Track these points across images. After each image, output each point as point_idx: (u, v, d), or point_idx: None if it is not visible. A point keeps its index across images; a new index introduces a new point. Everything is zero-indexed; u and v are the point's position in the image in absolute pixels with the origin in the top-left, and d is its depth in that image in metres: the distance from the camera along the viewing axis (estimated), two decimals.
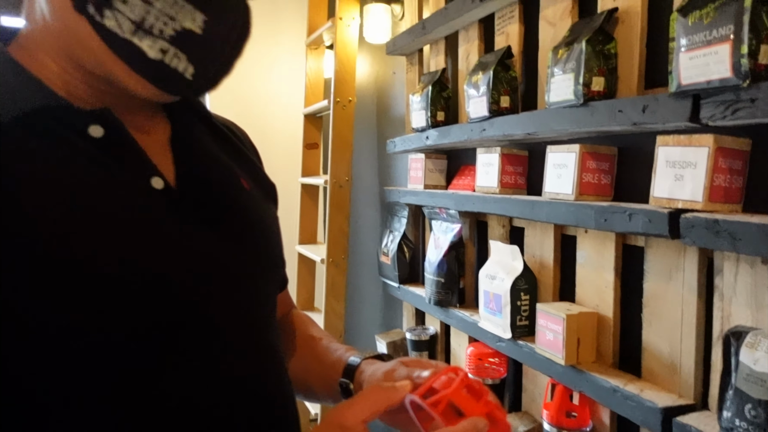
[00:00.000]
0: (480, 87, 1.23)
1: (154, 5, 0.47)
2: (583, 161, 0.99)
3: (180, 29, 0.48)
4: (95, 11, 0.46)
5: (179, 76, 0.49)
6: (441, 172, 1.58)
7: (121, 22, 0.46)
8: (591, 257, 1.04)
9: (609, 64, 0.96)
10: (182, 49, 0.49)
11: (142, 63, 0.48)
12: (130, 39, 0.47)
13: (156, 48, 0.48)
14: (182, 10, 0.48)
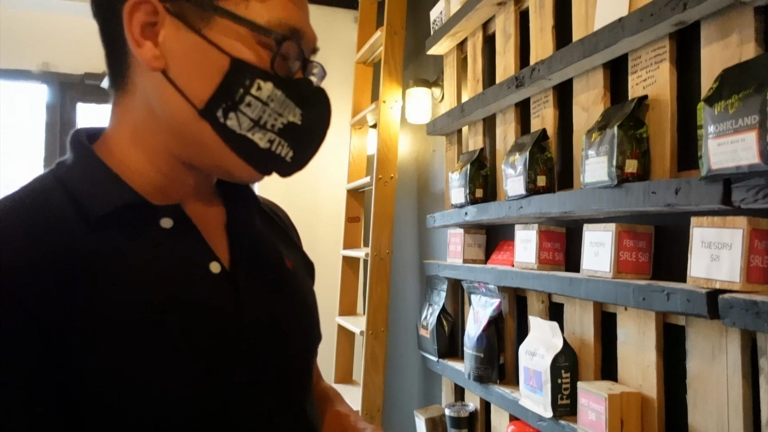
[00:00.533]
0: (517, 167, 1.28)
1: (269, 105, 0.55)
2: (620, 240, 1.02)
3: (286, 122, 0.57)
4: (222, 114, 0.54)
5: (281, 160, 0.58)
6: (480, 247, 1.62)
7: (241, 122, 0.55)
8: (632, 335, 1.03)
9: (641, 148, 1.00)
10: (286, 138, 0.57)
11: (253, 152, 0.56)
12: (245, 134, 0.55)
13: (266, 139, 0.56)
14: (288, 107, 0.57)
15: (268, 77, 0.55)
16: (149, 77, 0.56)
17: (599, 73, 1.15)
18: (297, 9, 0.57)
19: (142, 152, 0.58)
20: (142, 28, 0.54)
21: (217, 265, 0.58)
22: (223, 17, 0.54)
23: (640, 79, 1.05)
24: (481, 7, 1.52)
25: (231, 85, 0.54)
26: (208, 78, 0.54)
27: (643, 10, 0.96)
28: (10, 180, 2.66)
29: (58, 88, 2.77)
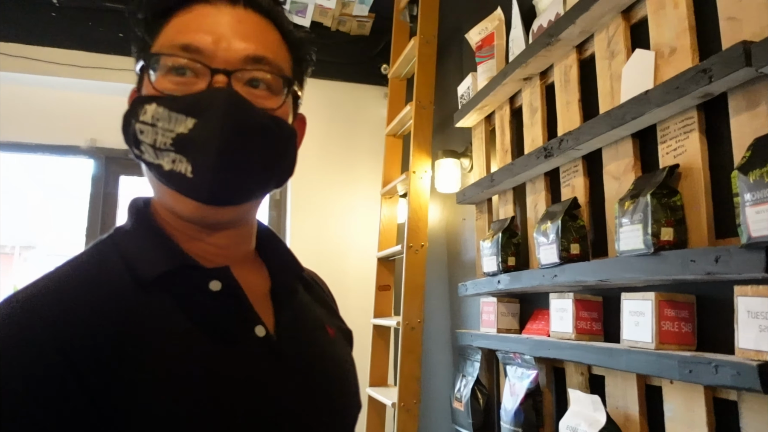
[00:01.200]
0: (549, 235, 1.28)
1: (157, 125, 0.55)
2: (660, 309, 1.00)
3: (175, 136, 0.55)
4: (137, 150, 0.57)
5: (183, 178, 0.54)
6: (514, 316, 1.59)
7: (146, 151, 0.56)
8: (680, 411, 0.99)
9: (676, 216, 1.00)
10: (181, 152, 0.54)
11: (165, 177, 0.56)
12: (155, 161, 0.55)
13: (169, 160, 0.55)
14: (176, 120, 0.55)
15: (151, 100, 0.56)
16: None
17: (628, 143, 1.17)
18: (198, 32, 0.57)
19: (168, 214, 0.61)
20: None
21: (262, 329, 0.59)
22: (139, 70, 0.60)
23: (669, 149, 1.06)
24: (508, 82, 1.58)
25: (127, 122, 0.58)
26: None
27: (668, 84, 0.99)
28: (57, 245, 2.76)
29: (103, 162, 2.92)
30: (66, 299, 0.50)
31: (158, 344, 0.52)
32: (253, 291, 0.63)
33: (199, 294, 0.57)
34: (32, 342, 0.47)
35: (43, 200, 12.30)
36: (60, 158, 2.94)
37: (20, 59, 2.70)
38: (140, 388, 0.49)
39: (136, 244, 0.58)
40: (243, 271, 0.64)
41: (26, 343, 0.47)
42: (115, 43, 2.83)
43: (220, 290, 0.58)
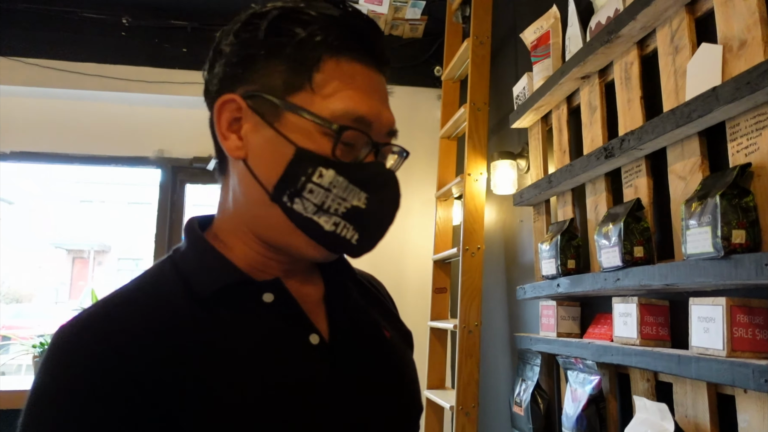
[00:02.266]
0: (611, 237, 1.25)
1: (331, 191, 0.59)
2: (732, 315, 0.95)
3: (350, 207, 0.59)
4: (288, 200, 0.59)
5: (347, 242, 0.61)
6: (574, 320, 1.56)
7: (306, 206, 0.59)
8: (755, 422, 0.94)
9: (749, 217, 0.95)
10: (350, 221, 0.60)
11: (319, 234, 0.60)
12: (311, 217, 0.59)
13: (330, 222, 0.59)
14: (351, 192, 0.59)
15: (329, 164, 0.58)
16: (236, 165, 0.62)
17: (695, 142, 1.13)
18: (366, 98, 0.60)
19: (238, 234, 0.64)
20: (228, 123, 0.61)
21: (316, 336, 0.61)
22: (292, 112, 0.59)
23: (740, 147, 1.01)
24: (565, 81, 1.55)
25: (294, 173, 0.58)
26: (276, 166, 0.59)
27: (738, 80, 0.95)
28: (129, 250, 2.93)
29: (170, 171, 3.07)
30: (131, 323, 0.53)
31: (216, 357, 0.54)
32: (307, 299, 0.66)
33: (254, 306, 0.60)
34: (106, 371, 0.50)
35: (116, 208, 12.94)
36: (131, 169, 3.12)
37: (96, 78, 2.88)
38: (203, 402, 0.52)
39: (192, 264, 0.61)
40: (297, 280, 0.67)
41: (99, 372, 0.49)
42: (180, 58, 2.98)
43: (273, 301, 0.61)
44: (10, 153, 2.97)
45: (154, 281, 0.60)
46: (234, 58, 0.61)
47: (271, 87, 0.59)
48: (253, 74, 0.60)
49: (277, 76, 0.59)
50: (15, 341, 3.03)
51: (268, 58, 0.59)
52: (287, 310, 0.61)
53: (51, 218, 20.91)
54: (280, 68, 0.59)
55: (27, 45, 2.86)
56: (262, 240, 0.63)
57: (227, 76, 0.61)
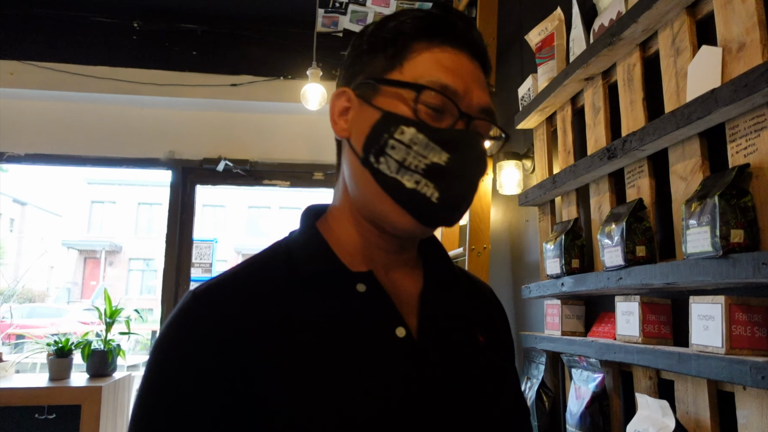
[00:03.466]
0: (614, 237, 1.27)
1: (412, 148, 0.62)
2: (731, 313, 0.97)
3: (429, 163, 0.62)
4: (374, 159, 0.63)
5: (427, 200, 0.62)
6: (579, 319, 1.58)
7: (389, 164, 0.62)
8: (754, 418, 0.96)
9: (747, 217, 0.97)
10: (430, 178, 0.62)
11: (401, 193, 0.62)
12: (395, 176, 0.62)
13: (412, 180, 0.62)
14: (432, 150, 0.62)
15: (410, 123, 0.62)
16: (345, 150, 0.69)
17: (695, 143, 1.15)
18: (452, 73, 0.64)
19: (348, 220, 0.69)
20: (339, 112, 0.69)
21: (402, 330, 0.63)
22: (384, 85, 0.65)
23: (739, 147, 1.03)
24: (569, 83, 1.57)
25: (379, 132, 0.63)
26: (365, 131, 0.64)
27: (737, 82, 0.96)
28: (140, 251, 2.96)
29: (180, 173, 3.12)
30: (238, 295, 0.61)
31: (306, 337, 0.59)
32: (403, 292, 0.68)
33: (347, 294, 0.64)
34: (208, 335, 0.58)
35: (127, 208, 12.98)
36: (142, 170, 3.17)
37: (108, 81, 2.93)
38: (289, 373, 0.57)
39: (298, 247, 0.67)
40: (398, 273, 0.70)
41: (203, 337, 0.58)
42: (190, 61, 3.02)
43: (365, 291, 0.64)
44: (24, 155, 3.04)
45: (267, 259, 0.67)
46: (348, 60, 0.70)
47: (372, 73, 0.66)
48: (359, 68, 0.68)
49: (377, 63, 0.66)
50: (29, 339, 3.08)
51: (370, 52, 0.67)
52: (378, 301, 0.64)
53: (63, 219, 21.14)
54: (379, 57, 0.66)
55: (40, 49, 2.92)
56: (364, 217, 0.67)
57: (343, 76, 0.70)
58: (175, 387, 0.56)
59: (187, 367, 0.57)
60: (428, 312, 0.67)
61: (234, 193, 19.85)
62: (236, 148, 3.15)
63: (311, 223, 0.70)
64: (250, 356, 0.57)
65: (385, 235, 0.67)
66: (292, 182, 3.23)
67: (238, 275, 0.64)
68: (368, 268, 0.66)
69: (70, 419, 2.47)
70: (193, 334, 0.58)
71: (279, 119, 3.24)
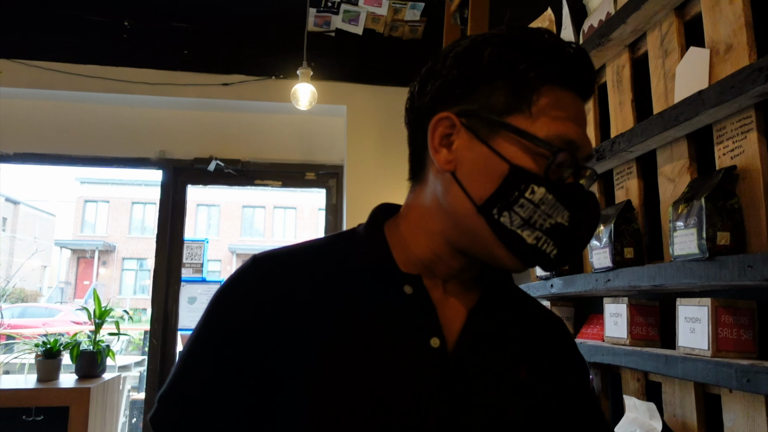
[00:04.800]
0: (602, 239, 1.27)
1: (540, 207, 0.60)
2: (717, 315, 0.97)
3: (554, 223, 0.61)
4: (497, 212, 0.61)
5: (546, 256, 0.62)
6: (568, 320, 1.57)
7: (513, 219, 0.61)
8: (740, 421, 0.96)
9: (734, 219, 0.97)
10: (552, 237, 0.61)
11: (520, 246, 0.61)
12: (516, 230, 0.61)
13: (533, 236, 0.61)
14: (557, 209, 0.61)
15: (541, 183, 0.60)
16: (440, 175, 0.66)
17: (683, 144, 1.14)
18: (575, 125, 0.62)
19: (422, 231, 0.68)
20: (441, 138, 0.65)
21: (437, 340, 0.62)
22: (507, 131, 0.61)
23: (726, 149, 1.03)
24: None
25: (508, 189, 0.60)
26: (489, 181, 0.61)
27: (723, 83, 0.96)
28: (133, 251, 2.95)
29: (171, 172, 3.10)
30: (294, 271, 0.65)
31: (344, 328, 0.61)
32: (453, 307, 0.66)
33: (393, 293, 0.64)
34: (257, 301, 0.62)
35: (121, 208, 12.91)
36: (133, 170, 3.15)
37: (98, 80, 2.91)
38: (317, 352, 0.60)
39: (359, 239, 0.69)
40: (454, 288, 0.68)
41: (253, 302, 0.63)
42: (181, 60, 3.01)
43: (411, 294, 0.64)
44: (14, 154, 3.01)
45: (326, 245, 0.70)
46: (453, 79, 0.64)
47: (489, 107, 0.62)
48: (471, 95, 0.63)
49: (496, 98, 0.62)
50: (19, 340, 3.06)
51: (489, 81, 0.63)
52: (420, 306, 0.64)
53: (56, 218, 21.01)
54: (501, 91, 0.62)
55: (30, 47, 2.90)
56: (453, 245, 0.66)
57: (443, 95, 0.65)
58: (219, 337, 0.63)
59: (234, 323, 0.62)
60: (471, 330, 0.65)
61: (228, 192, 19.78)
62: (228, 148, 3.13)
63: (378, 221, 0.71)
64: (289, 333, 0.61)
65: (460, 255, 0.66)
66: (284, 182, 3.22)
67: (298, 252, 0.67)
68: (431, 277, 0.67)
69: (58, 421, 2.45)
70: (245, 296, 0.63)
71: (270, 119, 3.22)
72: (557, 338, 0.75)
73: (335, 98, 3.10)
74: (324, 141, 3.26)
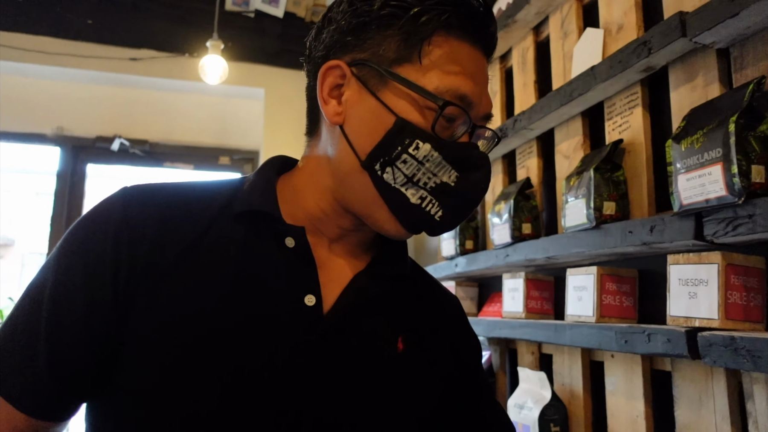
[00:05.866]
0: (503, 215, 1.28)
1: (424, 164, 0.57)
2: (602, 283, 1.00)
3: (439, 182, 0.58)
4: (380, 168, 0.58)
5: (430, 218, 0.59)
6: (472, 300, 1.59)
7: (396, 177, 0.57)
8: (620, 384, 0.99)
9: (619, 190, 1.00)
10: (437, 197, 0.58)
11: (403, 206, 0.58)
12: (399, 188, 0.58)
13: (417, 196, 0.58)
14: (443, 168, 0.58)
15: (427, 138, 0.57)
16: (331, 129, 0.62)
17: (578, 122, 1.18)
18: (470, 79, 0.58)
19: (312, 186, 0.63)
20: (330, 89, 0.61)
21: (312, 299, 0.58)
22: (396, 82, 0.58)
23: (615, 125, 1.07)
24: None
25: (391, 142, 0.57)
26: (373, 134, 0.58)
27: (613, 58, 0.99)
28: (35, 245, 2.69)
29: (70, 151, 2.88)
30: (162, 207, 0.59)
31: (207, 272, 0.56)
32: (338, 269, 0.62)
33: (272, 244, 0.59)
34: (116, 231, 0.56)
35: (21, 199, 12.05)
36: (25, 146, 2.89)
37: None
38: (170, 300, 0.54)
39: (248, 187, 0.63)
40: (342, 250, 0.64)
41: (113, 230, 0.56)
42: (85, 30, 2.79)
43: (293, 248, 0.59)
44: None
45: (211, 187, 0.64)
46: (346, 26, 0.60)
47: (379, 57, 0.59)
48: (362, 43, 0.60)
49: (387, 46, 0.58)
50: None
51: (380, 28, 0.59)
52: (300, 261, 0.59)
53: None
54: (391, 39, 0.58)
55: None
56: (340, 203, 0.62)
57: (336, 43, 0.61)
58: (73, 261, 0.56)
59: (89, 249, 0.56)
60: (352, 294, 0.61)
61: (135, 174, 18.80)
62: (134, 127, 2.94)
63: (270, 170, 0.65)
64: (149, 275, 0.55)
65: (349, 214, 0.62)
66: (196, 165, 3.07)
67: (176, 190, 0.62)
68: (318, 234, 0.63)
69: None
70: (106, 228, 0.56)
71: (183, 99, 3.07)
72: (448, 317, 0.71)
73: (253, 81, 2.99)
74: (240, 125, 3.15)
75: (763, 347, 0.66)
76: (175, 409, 0.52)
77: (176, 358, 0.52)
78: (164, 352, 0.53)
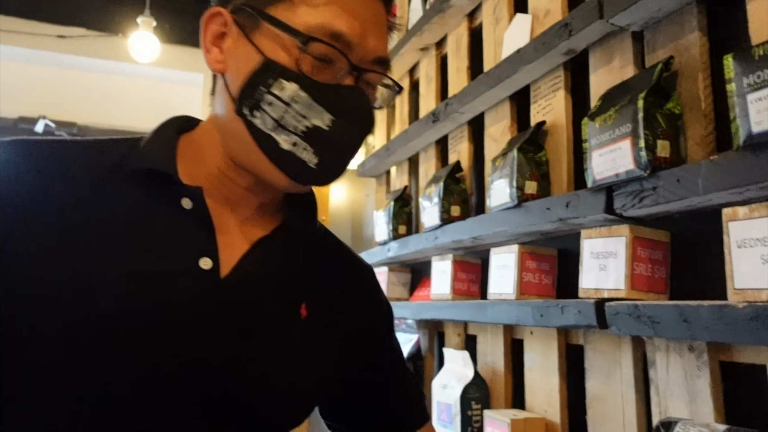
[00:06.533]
0: (433, 198, 1.29)
1: (291, 106, 0.54)
2: (522, 261, 1.01)
3: (310, 126, 0.55)
4: (248, 112, 0.55)
5: (304, 165, 0.56)
6: (404, 285, 1.59)
7: (265, 120, 0.55)
8: (538, 360, 1.01)
9: (541, 171, 1.02)
10: (309, 142, 0.55)
11: (276, 153, 0.55)
12: (270, 133, 0.55)
13: (289, 141, 0.55)
14: (314, 111, 0.55)
15: (292, 78, 0.54)
16: (220, 81, 0.60)
17: (506, 106, 1.20)
18: (349, 17, 0.56)
19: (211, 144, 0.60)
20: (213, 37, 0.59)
21: (209, 262, 0.54)
22: (267, 23, 0.55)
23: (540, 108, 1.09)
24: (405, 52, 1.59)
25: (254, 82, 0.55)
26: (242, 76, 0.56)
27: (537, 40, 1.01)
28: None
29: None
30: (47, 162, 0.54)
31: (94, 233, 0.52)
32: (239, 234, 0.59)
33: (167, 205, 0.56)
34: None
35: None
36: None
37: None
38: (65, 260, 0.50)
39: (145, 145, 0.59)
40: (244, 214, 0.61)
41: None
42: (8, 2, 2.62)
43: (190, 210, 0.56)
44: None
45: (106, 144, 0.59)
46: None
47: None
48: None
49: None
50: None
51: None
52: (197, 223, 0.56)
53: None
54: None
55: None
56: (233, 158, 0.59)
57: None
58: None
59: None
60: (253, 261, 0.58)
61: None
62: (61, 109, 2.79)
63: (171, 131, 0.61)
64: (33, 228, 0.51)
65: (244, 172, 0.59)
66: None
67: (66, 146, 0.58)
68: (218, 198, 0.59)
69: None
70: None
71: (117, 81, 2.94)
72: (357, 280, 0.70)
73: (192, 65, 2.90)
74: (179, 111, 3.03)
75: (663, 313, 0.69)
76: (73, 379, 0.48)
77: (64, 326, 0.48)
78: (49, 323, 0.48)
